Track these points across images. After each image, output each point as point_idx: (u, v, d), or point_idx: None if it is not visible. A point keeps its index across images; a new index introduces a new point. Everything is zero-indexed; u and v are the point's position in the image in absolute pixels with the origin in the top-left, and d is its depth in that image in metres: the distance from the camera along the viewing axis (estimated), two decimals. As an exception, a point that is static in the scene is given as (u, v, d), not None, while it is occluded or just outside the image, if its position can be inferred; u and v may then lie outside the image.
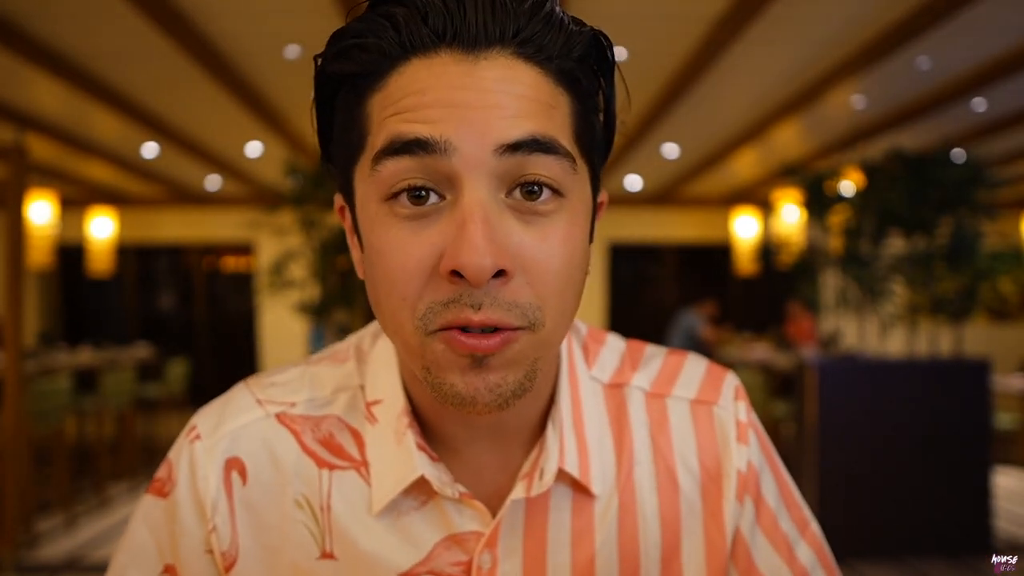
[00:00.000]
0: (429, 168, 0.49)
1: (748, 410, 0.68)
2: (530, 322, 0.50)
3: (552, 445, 0.60)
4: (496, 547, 0.60)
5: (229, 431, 0.63)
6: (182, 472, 0.62)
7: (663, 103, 5.24)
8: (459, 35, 0.49)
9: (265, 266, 5.68)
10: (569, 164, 0.51)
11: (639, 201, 9.19)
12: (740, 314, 9.38)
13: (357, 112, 0.53)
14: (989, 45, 4.22)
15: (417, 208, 0.50)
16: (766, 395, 5.23)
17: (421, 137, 0.48)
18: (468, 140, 0.48)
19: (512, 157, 0.49)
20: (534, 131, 0.49)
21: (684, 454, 0.65)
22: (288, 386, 0.66)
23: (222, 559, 0.61)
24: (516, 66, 0.50)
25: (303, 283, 5.38)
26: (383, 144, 0.50)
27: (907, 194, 4.44)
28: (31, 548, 4.03)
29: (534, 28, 0.50)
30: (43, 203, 6.56)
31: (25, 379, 3.93)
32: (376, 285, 0.52)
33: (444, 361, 0.51)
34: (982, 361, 4.06)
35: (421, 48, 0.50)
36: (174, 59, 4.28)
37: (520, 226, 0.50)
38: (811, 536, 0.67)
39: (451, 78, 0.49)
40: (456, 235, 0.48)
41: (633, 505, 0.63)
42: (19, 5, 3.63)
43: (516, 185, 0.50)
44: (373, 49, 0.51)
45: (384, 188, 0.50)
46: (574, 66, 0.53)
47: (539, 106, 0.50)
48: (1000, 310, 8.85)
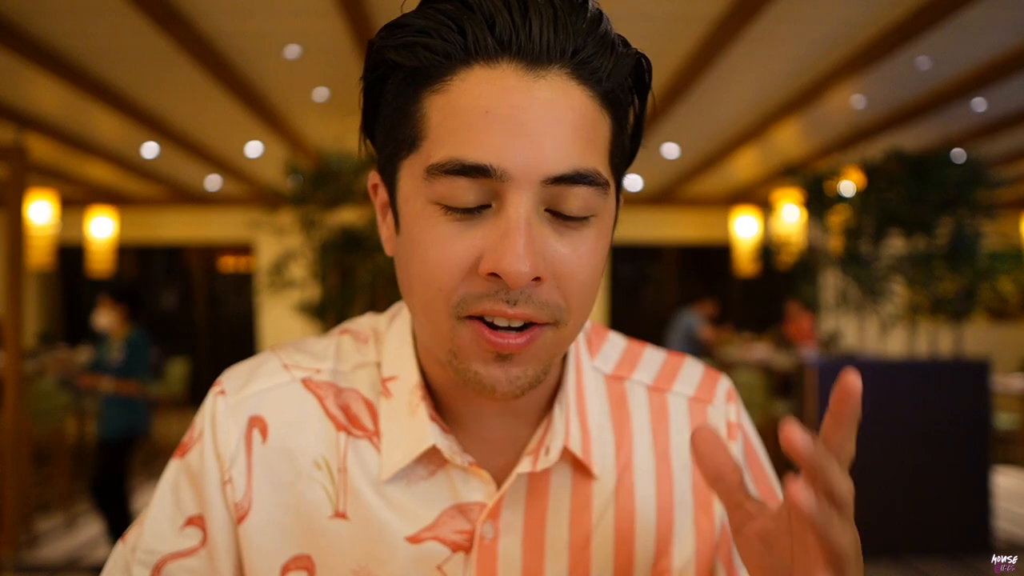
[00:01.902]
0: (483, 186, 0.52)
1: (738, 411, 0.72)
2: (555, 319, 0.55)
3: (559, 424, 0.64)
4: (498, 519, 0.63)
5: (255, 392, 0.66)
6: (205, 423, 0.65)
7: (663, 103, 5.24)
8: (524, 49, 0.52)
9: (265, 266, 5.69)
10: (604, 190, 0.55)
11: (639, 201, 9.19)
12: (740, 314, 9.38)
13: (412, 107, 0.55)
14: (989, 45, 4.22)
15: (465, 214, 0.53)
16: (766, 395, 5.23)
17: (482, 164, 0.51)
18: (520, 169, 0.51)
19: (556, 186, 0.53)
20: (578, 166, 0.53)
21: (680, 447, 0.69)
22: (314, 355, 0.69)
23: (235, 509, 0.64)
24: (570, 88, 0.53)
25: (303, 283, 5.39)
26: (443, 160, 0.52)
27: (907, 194, 4.44)
28: (31, 548, 4.03)
29: (591, 48, 0.54)
30: (43, 203, 6.56)
31: (25, 379, 3.93)
32: (412, 273, 0.56)
33: (471, 351, 0.55)
34: (982, 361, 4.07)
35: (484, 56, 0.52)
36: (174, 59, 4.28)
37: (554, 236, 0.54)
38: None
39: (512, 95, 0.51)
40: (499, 241, 0.52)
41: (631, 490, 0.66)
42: (19, 5, 3.63)
43: (555, 205, 0.54)
44: (438, 50, 0.52)
45: (435, 196, 0.53)
46: (617, 89, 0.56)
47: (584, 136, 0.53)
48: (1000, 310, 8.85)
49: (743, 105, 5.43)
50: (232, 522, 0.64)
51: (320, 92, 5.10)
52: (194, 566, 0.63)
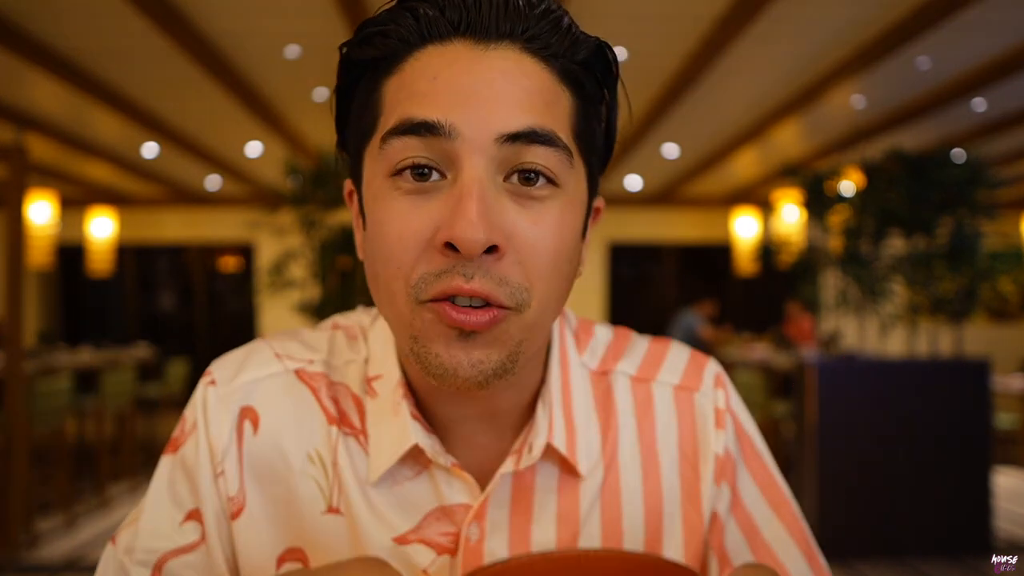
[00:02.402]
0: (434, 148, 0.51)
1: (728, 397, 0.70)
2: (517, 303, 0.52)
3: (542, 422, 0.62)
4: (484, 520, 0.62)
5: (246, 382, 0.64)
6: (197, 415, 0.64)
7: (663, 103, 5.24)
8: (472, 26, 0.53)
9: (265, 266, 5.68)
10: (566, 156, 0.53)
11: (639, 201, 9.19)
12: (740, 314, 9.38)
13: (374, 96, 0.56)
14: (989, 45, 4.22)
15: (419, 184, 0.52)
16: (766, 395, 5.23)
17: (429, 120, 0.51)
18: (472, 126, 0.51)
19: (511, 146, 0.51)
20: (533, 123, 0.52)
21: (666, 438, 0.67)
22: (307, 345, 0.68)
23: (229, 504, 0.63)
24: (523, 60, 0.53)
25: (303, 283, 5.38)
26: (393, 124, 0.52)
27: (907, 194, 4.44)
28: (31, 548, 4.03)
29: (542, 28, 0.54)
30: (43, 203, 6.56)
31: (25, 379, 3.93)
32: (374, 258, 0.55)
33: (432, 331, 0.52)
34: (982, 361, 4.06)
35: (437, 36, 0.54)
36: (174, 59, 4.28)
37: (515, 208, 0.52)
38: (789, 517, 0.68)
39: (462, 64, 0.52)
40: (453, 209, 0.50)
41: (617, 486, 0.65)
42: (19, 5, 3.63)
43: (514, 171, 0.52)
44: (393, 36, 0.54)
45: (390, 164, 0.53)
46: (578, 68, 0.56)
47: (541, 99, 0.53)
48: (1000, 310, 8.85)
49: (743, 105, 5.43)
50: (226, 515, 0.63)
51: (320, 92, 5.10)
52: (195, 561, 0.62)
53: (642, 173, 7.97)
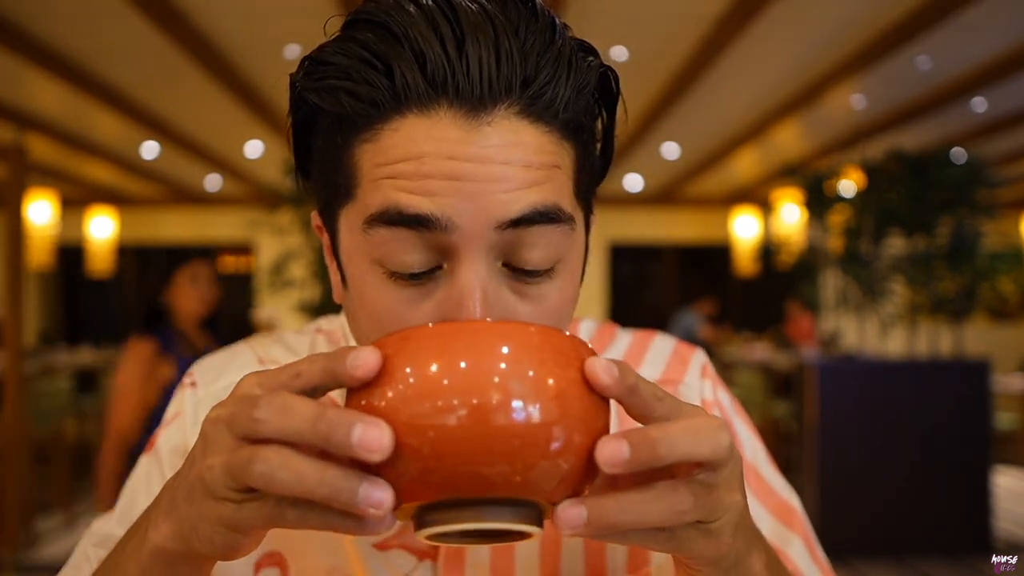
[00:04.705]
0: (428, 242, 0.47)
1: (715, 387, 0.67)
2: None
3: None
4: None
5: (227, 385, 0.63)
6: (175, 414, 0.63)
7: (663, 103, 5.24)
8: (461, 91, 0.45)
9: (265, 266, 5.68)
10: (569, 227, 0.49)
11: (639, 201, 9.19)
12: (740, 314, 9.38)
13: (343, 155, 0.49)
14: (989, 45, 4.22)
15: (414, 282, 0.48)
16: (766, 395, 5.23)
17: (422, 213, 0.45)
18: (468, 216, 0.46)
19: (512, 231, 0.47)
20: (535, 203, 0.47)
21: None
22: (291, 349, 0.67)
23: None
24: (521, 129, 0.47)
25: (303, 283, 5.38)
26: (379, 209, 0.47)
27: (907, 194, 4.45)
28: (31, 548, 4.03)
29: (544, 76, 0.47)
30: (43, 203, 6.57)
31: (25, 379, 3.93)
32: (357, 316, 0.52)
33: None
34: (982, 361, 4.07)
35: (417, 102, 0.46)
36: (174, 59, 4.28)
37: (515, 299, 0.49)
38: (776, 504, 0.66)
39: (452, 146, 0.45)
40: (455, 311, 0.47)
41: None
42: (19, 5, 3.63)
43: (512, 262, 0.49)
44: (364, 97, 0.46)
45: (378, 253, 0.48)
46: (580, 114, 0.50)
47: (542, 172, 0.47)
48: (1000, 310, 8.84)
49: (743, 105, 5.43)
50: None
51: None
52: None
53: (642, 173, 7.97)
